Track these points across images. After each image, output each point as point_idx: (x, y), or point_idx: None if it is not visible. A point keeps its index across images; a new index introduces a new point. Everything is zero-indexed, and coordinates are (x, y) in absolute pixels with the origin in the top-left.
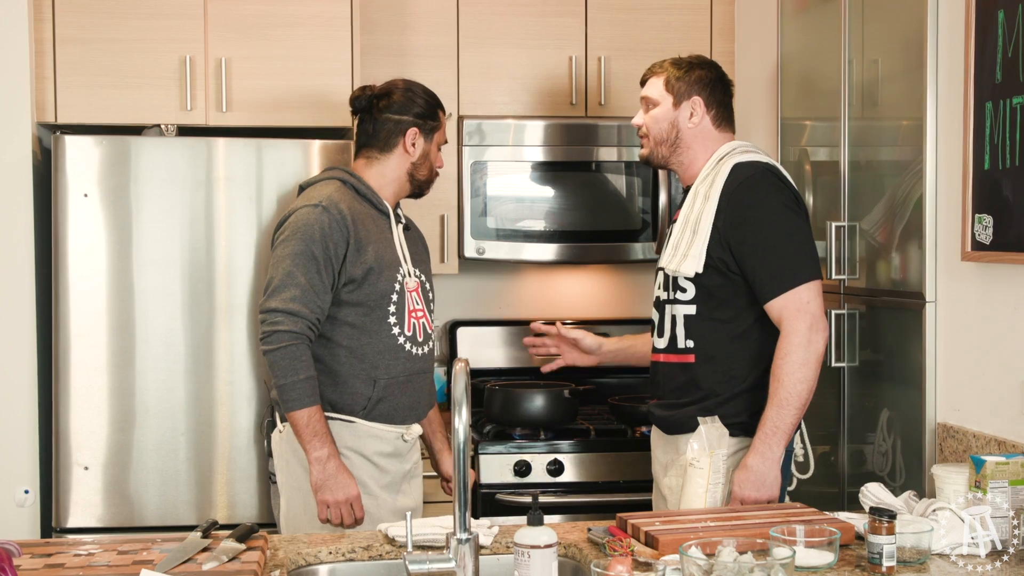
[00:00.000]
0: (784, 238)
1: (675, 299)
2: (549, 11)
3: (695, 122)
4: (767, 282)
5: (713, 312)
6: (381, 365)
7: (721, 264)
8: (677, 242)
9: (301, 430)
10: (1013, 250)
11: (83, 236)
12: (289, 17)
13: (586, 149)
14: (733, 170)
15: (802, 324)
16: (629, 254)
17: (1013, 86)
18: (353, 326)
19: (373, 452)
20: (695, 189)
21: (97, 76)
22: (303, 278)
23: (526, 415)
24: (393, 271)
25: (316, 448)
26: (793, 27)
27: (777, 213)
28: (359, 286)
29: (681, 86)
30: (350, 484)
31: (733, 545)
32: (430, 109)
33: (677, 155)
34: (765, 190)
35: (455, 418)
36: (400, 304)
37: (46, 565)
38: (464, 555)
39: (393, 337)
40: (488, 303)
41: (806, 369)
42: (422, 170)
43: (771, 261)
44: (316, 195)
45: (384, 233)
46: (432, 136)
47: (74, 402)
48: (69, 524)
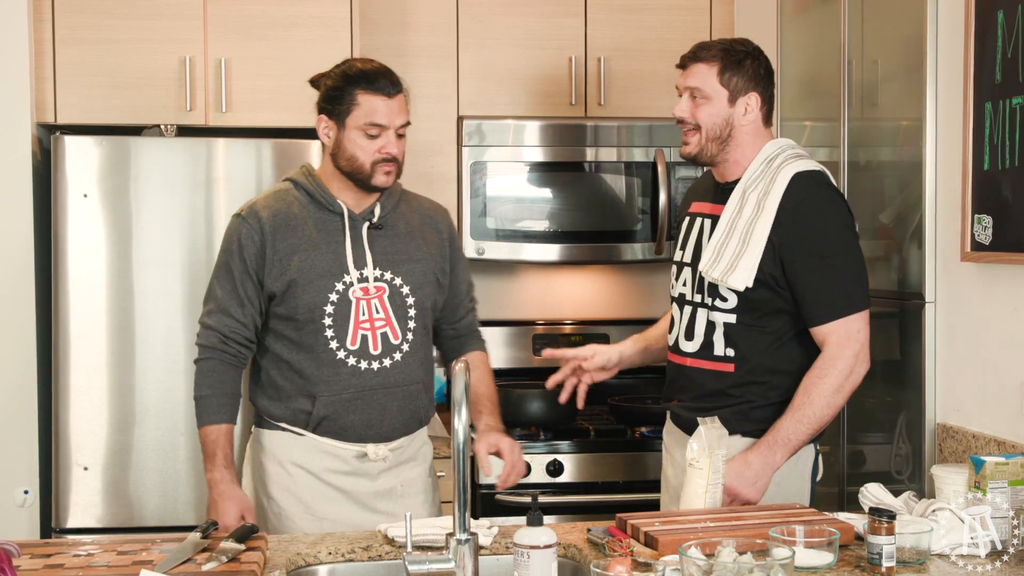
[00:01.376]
0: (842, 263)
1: (714, 306)
2: (549, 11)
3: (749, 119)
4: (819, 307)
5: (755, 322)
6: (320, 382)
7: (771, 279)
8: (720, 247)
9: (202, 448)
10: (1013, 250)
11: (83, 236)
12: (289, 18)
13: (586, 150)
14: (794, 181)
15: (849, 352)
16: (629, 254)
17: (1013, 86)
18: (289, 340)
19: (323, 469)
20: (743, 192)
21: (97, 76)
22: (220, 291)
23: (525, 415)
24: (329, 280)
25: (207, 469)
26: (792, 27)
27: (837, 236)
28: (281, 300)
29: (738, 82)
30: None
31: (733, 545)
32: (336, 91)
33: (725, 152)
34: (829, 210)
35: (454, 418)
36: (341, 315)
37: (46, 566)
38: (464, 555)
39: (331, 352)
40: (488, 303)
41: (838, 397)
42: (341, 160)
43: (826, 286)
44: (248, 202)
45: (330, 236)
46: (345, 120)
47: (74, 402)
48: (69, 524)
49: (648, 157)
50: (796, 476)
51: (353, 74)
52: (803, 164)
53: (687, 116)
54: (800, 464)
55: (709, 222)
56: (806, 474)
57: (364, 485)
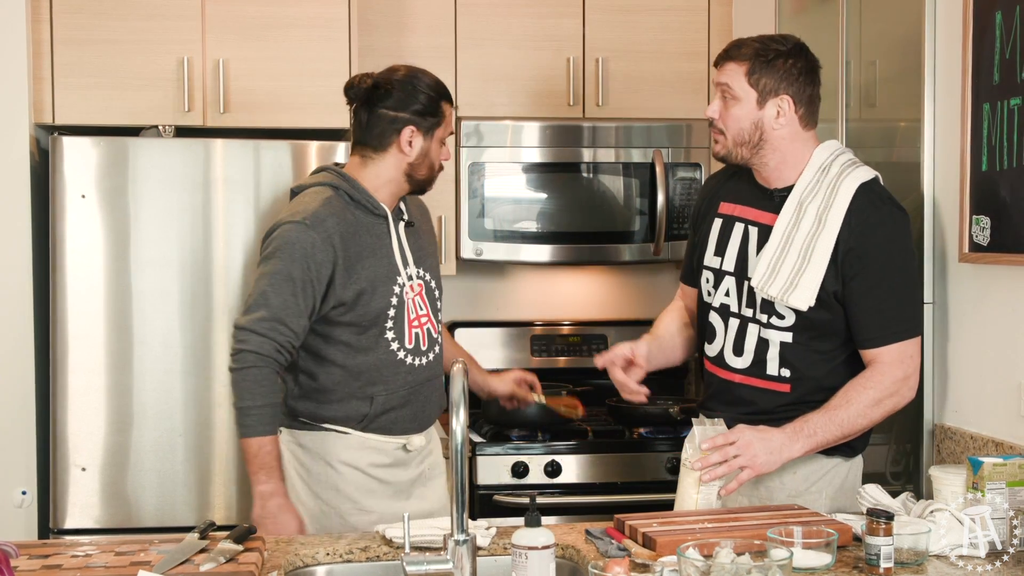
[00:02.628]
0: (902, 285)
1: (769, 323)
2: (547, 12)
3: (782, 123)
4: (875, 329)
5: (813, 341)
6: (379, 381)
7: (831, 297)
8: (775, 262)
9: (250, 459)
10: (1011, 251)
11: (81, 237)
12: (287, 18)
13: (584, 150)
14: (858, 194)
15: (899, 372)
16: (627, 255)
17: (1011, 87)
18: (348, 345)
19: (368, 464)
20: (799, 203)
21: (95, 77)
22: (276, 300)
23: (524, 416)
24: (389, 285)
25: (261, 482)
26: (791, 28)
27: (902, 257)
28: (350, 308)
29: (768, 82)
30: (289, 524)
31: (731, 546)
32: (431, 104)
33: (760, 156)
34: (895, 229)
35: (453, 419)
36: (399, 318)
37: (43, 566)
38: (462, 556)
39: (392, 353)
40: (486, 304)
41: (876, 410)
42: (421, 170)
43: (884, 308)
44: (303, 208)
45: (381, 240)
46: (433, 133)
47: (71, 403)
48: (66, 525)
49: (646, 158)
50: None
51: (442, 89)
52: (863, 174)
53: (716, 117)
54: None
55: (756, 231)
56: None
57: (402, 474)
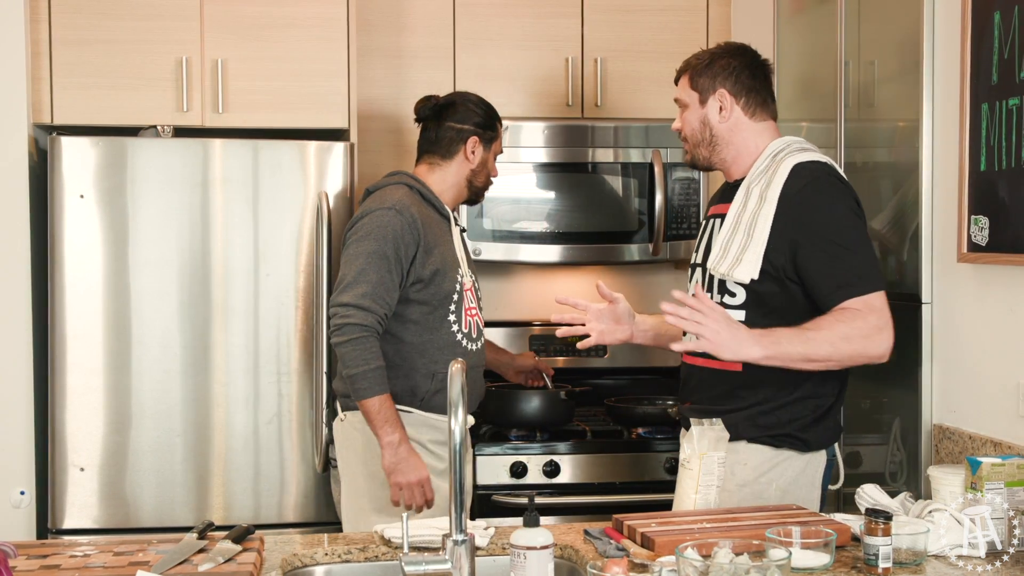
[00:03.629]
0: (852, 245)
1: (723, 303)
2: (545, 12)
3: (725, 116)
4: (834, 289)
5: (763, 320)
6: (441, 360)
7: (778, 271)
8: (727, 243)
9: (373, 417)
10: (1009, 251)
11: (79, 237)
12: (285, 18)
13: (582, 151)
14: (793, 171)
15: (873, 319)
16: (626, 255)
17: (1009, 87)
18: (417, 323)
19: (428, 440)
20: (747, 187)
21: (93, 77)
22: (374, 276)
23: (522, 416)
24: (454, 272)
25: (388, 433)
26: (789, 28)
27: (844, 219)
28: (426, 286)
29: (703, 81)
30: (420, 466)
31: (729, 546)
32: (489, 120)
33: (718, 154)
34: (831, 194)
35: (451, 419)
36: (459, 303)
37: (42, 566)
38: (460, 556)
39: (452, 334)
40: (485, 304)
41: (844, 345)
42: (480, 177)
43: (840, 268)
44: (389, 198)
45: (446, 236)
46: (490, 146)
47: (70, 403)
48: (65, 525)
49: (645, 158)
50: (805, 483)
51: (495, 110)
52: (806, 156)
53: (679, 128)
54: (810, 470)
55: (719, 222)
56: (816, 480)
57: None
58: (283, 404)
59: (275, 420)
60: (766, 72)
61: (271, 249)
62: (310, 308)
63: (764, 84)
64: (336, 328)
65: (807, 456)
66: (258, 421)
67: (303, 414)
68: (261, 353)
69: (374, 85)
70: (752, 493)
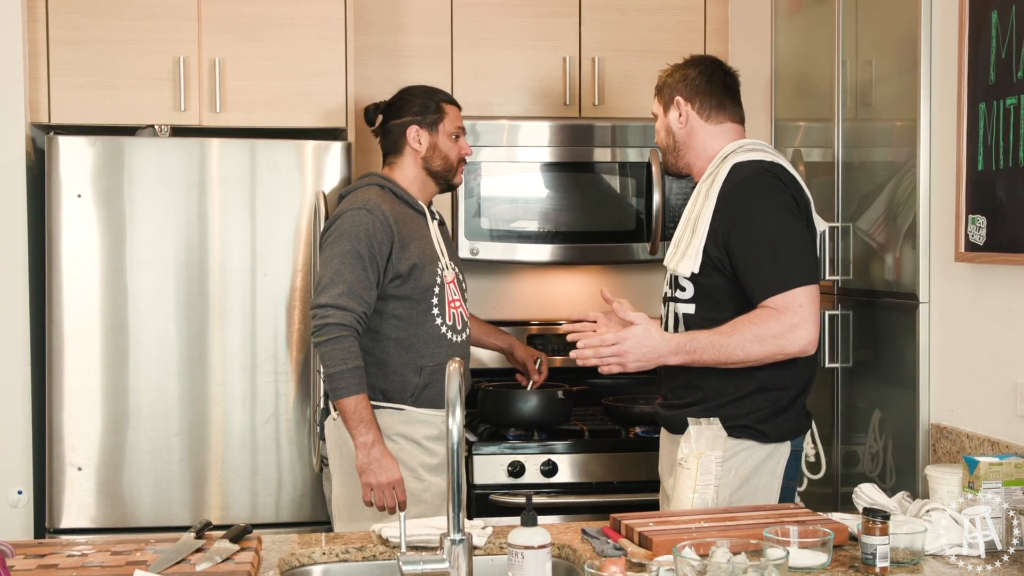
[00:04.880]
0: (778, 241)
1: (676, 297)
2: (543, 12)
3: (683, 121)
4: (760, 284)
5: (711, 312)
6: (427, 354)
7: (718, 263)
8: (678, 240)
9: (348, 416)
10: (1006, 251)
11: (76, 237)
12: (283, 18)
13: (580, 150)
14: (732, 170)
15: (787, 319)
16: (624, 255)
17: (1007, 87)
18: (400, 318)
19: (422, 436)
20: (697, 188)
21: (91, 77)
22: (350, 275)
23: (520, 416)
24: (434, 265)
25: (362, 434)
26: (787, 28)
27: (771, 215)
28: (405, 280)
29: (665, 91)
30: (392, 468)
31: (727, 546)
32: (426, 105)
33: (683, 158)
34: (760, 191)
35: (449, 418)
36: (441, 296)
37: (39, 566)
38: (458, 556)
39: (437, 327)
40: (482, 304)
41: (757, 347)
42: (435, 161)
43: (764, 264)
44: (359, 199)
45: (423, 231)
46: (436, 128)
47: (67, 403)
48: (62, 525)
49: (643, 158)
50: (766, 473)
51: (434, 91)
52: (748, 156)
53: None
54: (771, 462)
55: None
56: (777, 471)
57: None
58: (280, 404)
59: (272, 420)
60: (725, 78)
61: (268, 249)
62: (307, 307)
63: (721, 88)
64: (316, 329)
65: (768, 447)
66: (255, 421)
67: (300, 413)
68: (258, 353)
69: (372, 85)
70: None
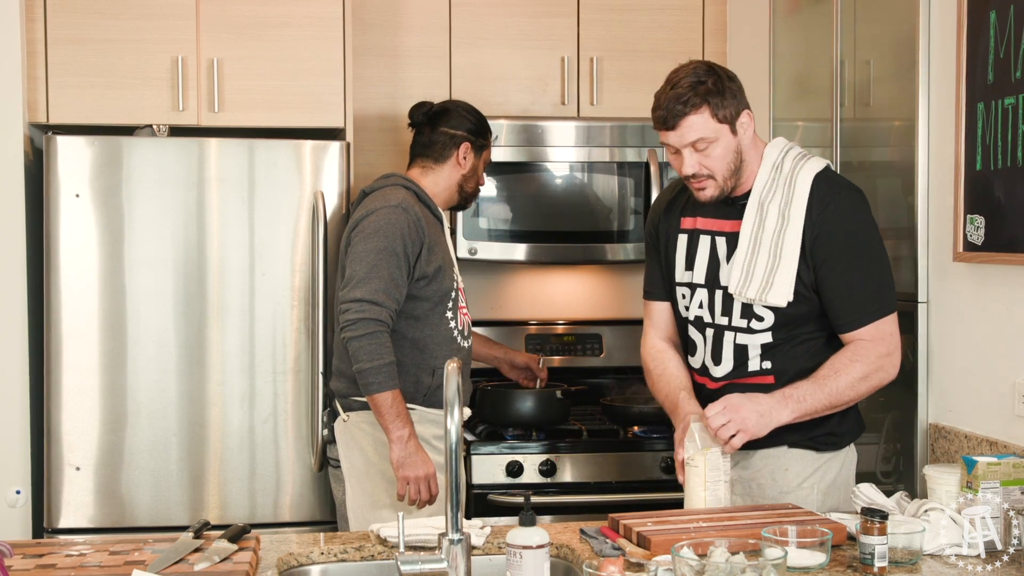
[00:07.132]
0: (872, 265)
1: (749, 328)
2: (541, 12)
3: (749, 135)
4: (851, 313)
5: (791, 332)
6: (440, 355)
7: (807, 289)
8: (748, 266)
9: (384, 411)
10: (1005, 251)
11: (75, 236)
12: (281, 17)
13: (578, 150)
14: (815, 185)
15: (881, 348)
16: (622, 254)
17: (1005, 87)
18: (419, 319)
19: (432, 436)
20: (760, 204)
21: (89, 76)
22: (386, 272)
23: (518, 415)
24: (451, 270)
25: (398, 428)
26: (785, 27)
27: (866, 237)
28: (430, 282)
29: (729, 111)
30: (428, 462)
31: (725, 546)
32: (481, 128)
33: (737, 177)
34: (858, 212)
35: (447, 418)
36: (455, 300)
37: (38, 566)
38: (456, 555)
39: (450, 330)
40: (480, 303)
41: (863, 385)
42: (470, 183)
43: (856, 290)
44: (393, 197)
45: (441, 236)
46: (481, 153)
47: (66, 402)
48: (61, 524)
49: (641, 157)
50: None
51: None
52: (815, 164)
53: (699, 171)
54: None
55: (724, 240)
56: (851, 479)
57: None
58: (279, 403)
59: (271, 419)
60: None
61: (267, 248)
62: (306, 307)
63: None
64: (350, 323)
65: (842, 453)
66: (254, 420)
67: (299, 413)
68: (257, 352)
69: (370, 84)
70: (795, 500)
